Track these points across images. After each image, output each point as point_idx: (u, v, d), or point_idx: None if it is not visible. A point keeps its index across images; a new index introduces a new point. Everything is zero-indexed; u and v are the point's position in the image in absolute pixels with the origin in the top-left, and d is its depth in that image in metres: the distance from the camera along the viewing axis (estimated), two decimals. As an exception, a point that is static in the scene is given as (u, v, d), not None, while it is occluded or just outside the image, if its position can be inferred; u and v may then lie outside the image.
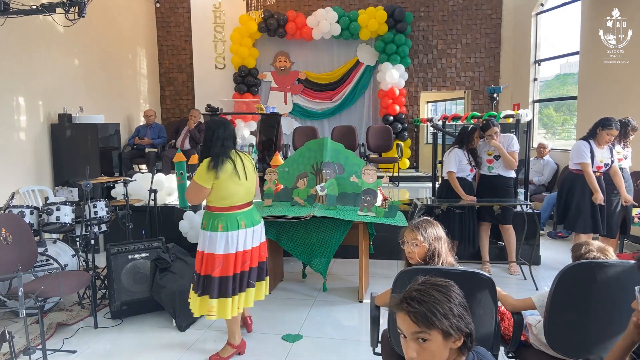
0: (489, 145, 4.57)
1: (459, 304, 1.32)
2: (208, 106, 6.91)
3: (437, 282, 1.36)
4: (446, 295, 1.32)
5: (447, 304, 1.29)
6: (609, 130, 4.18)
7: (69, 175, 6.12)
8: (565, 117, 8.33)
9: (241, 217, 2.98)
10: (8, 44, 5.42)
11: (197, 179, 2.92)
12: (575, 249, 2.26)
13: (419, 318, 1.28)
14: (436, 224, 2.30)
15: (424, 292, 1.32)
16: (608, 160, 4.34)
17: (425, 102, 10.76)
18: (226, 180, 2.90)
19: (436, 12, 8.77)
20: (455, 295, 1.33)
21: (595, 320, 2.08)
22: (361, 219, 4.00)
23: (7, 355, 2.84)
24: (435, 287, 1.34)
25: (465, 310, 1.33)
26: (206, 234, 2.98)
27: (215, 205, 2.97)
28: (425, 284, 1.35)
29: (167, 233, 4.55)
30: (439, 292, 1.32)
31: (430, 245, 2.21)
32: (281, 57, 9.09)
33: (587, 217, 4.36)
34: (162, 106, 9.47)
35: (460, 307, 1.32)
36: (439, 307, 1.28)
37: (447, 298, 1.31)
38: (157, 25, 9.28)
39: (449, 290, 1.34)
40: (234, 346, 3.16)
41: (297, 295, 4.31)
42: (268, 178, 4.48)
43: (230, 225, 2.94)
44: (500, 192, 4.61)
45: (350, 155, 4.43)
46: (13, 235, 3.36)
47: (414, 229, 2.24)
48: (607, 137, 4.20)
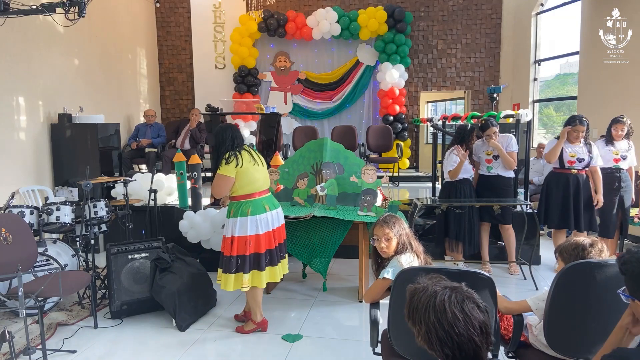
0: (488, 145, 4.57)
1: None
2: (208, 106, 6.90)
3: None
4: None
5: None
6: (573, 126, 4.37)
7: (69, 175, 6.12)
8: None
9: (265, 202, 3.36)
10: (8, 44, 5.41)
11: (221, 172, 3.26)
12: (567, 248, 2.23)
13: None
14: (399, 218, 2.52)
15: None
16: (583, 156, 4.40)
17: (425, 102, 10.76)
18: (247, 167, 3.27)
19: (436, 12, 8.77)
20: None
21: (595, 320, 2.07)
22: (361, 219, 4.00)
23: (7, 355, 2.84)
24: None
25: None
26: (236, 220, 3.29)
27: (241, 193, 3.30)
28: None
29: (167, 233, 4.54)
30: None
31: (400, 237, 2.43)
32: (281, 57, 9.09)
33: (555, 212, 4.46)
34: (162, 106, 9.47)
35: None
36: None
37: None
38: (157, 25, 9.28)
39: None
40: (255, 322, 3.50)
41: (297, 295, 4.31)
42: (269, 178, 4.49)
43: (258, 210, 3.30)
44: (499, 192, 4.61)
45: (350, 156, 4.44)
46: (13, 235, 3.36)
47: (383, 224, 2.45)
48: (574, 134, 4.38)
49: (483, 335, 1.22)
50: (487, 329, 1.24)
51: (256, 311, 3.50)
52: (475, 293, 1.29)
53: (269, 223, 3.35)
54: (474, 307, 1.24)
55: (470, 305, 1.23)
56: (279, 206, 3.52)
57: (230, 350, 3.30)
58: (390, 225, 2.43)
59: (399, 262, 2.39)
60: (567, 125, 4.43)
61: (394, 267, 2.37)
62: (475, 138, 4.67)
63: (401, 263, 2.37)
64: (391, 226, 2.43)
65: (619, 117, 4.66)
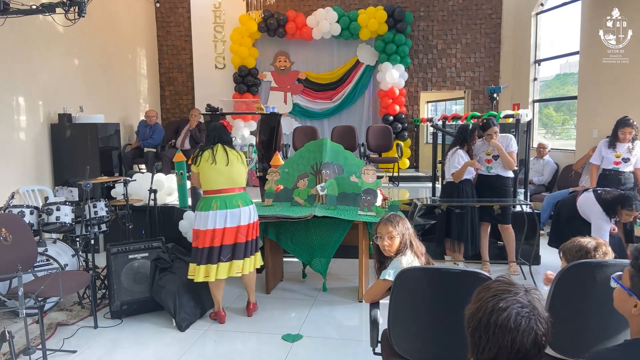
0: (488, 144, 4.57)
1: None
2: (208, 106, 6.90)
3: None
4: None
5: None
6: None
7: (69, 175, 6.12)
8: (565, 117, 8.33)
9: (215, 200, 3.52)
10: (8, 44, 5.41)
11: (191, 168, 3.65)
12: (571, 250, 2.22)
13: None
14: (403, 217, 2.55)
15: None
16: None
17: (425, 102, 10.75)
18: (203, 166, 3.53)
19: (436, 12, 8.77)
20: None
21: (595, 320, 2.07)
22: (362, 219, 4.00)
23: (7, 355, 2.84)
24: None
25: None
26: (195, 213, 3.63)
27: (203, 189, 3.62)
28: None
29: (167, 233, 4.54)
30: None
31: (403, 237, 2.47)
32: (281, 57, 9.08)
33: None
34: (162, 106, 9.47)
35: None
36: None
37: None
38: (157, 25, 9.27)
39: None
40: (214, 311, 3.77)
41: (297, 295, 4.31)
42: (270, 178, 4.49)
43: (205, 207, 3.53)
44: (499, 192, 4.60)
45: (350, 156, 4.44)
46: (13, 235, 3.36)
47: (387, 223, 2.48)
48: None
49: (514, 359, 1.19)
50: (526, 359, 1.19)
51: (214, 300, 3.74)
52: (546, 327, 1.21)
53: (216, 221, 3.49)
54: (531, 335, 1.18)
55: (529, 330, 1.18)
56: (235, 207, 3.54)
57: (230, 350, 3.30)
58: (393, 224, 2.47)
59: (400, 263, 2.39)
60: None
61: (394, 268, 2.37)
62: (477, 138, 4.66)
63: (402, 264, 2.38)
64: (395, 225, 2.47)
65: (627, 121, 4.51)
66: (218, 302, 3.71)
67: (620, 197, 3.92)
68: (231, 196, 3.56)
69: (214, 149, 3.55)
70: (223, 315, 3.72)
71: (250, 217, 3.63)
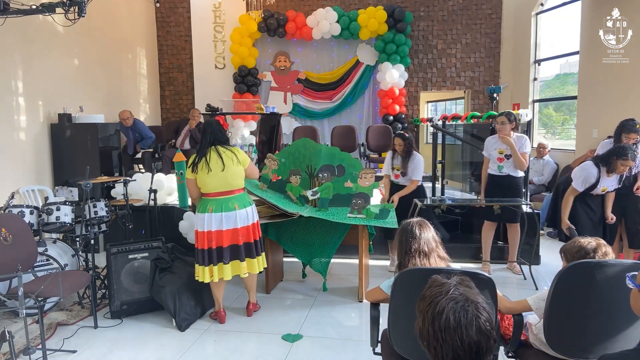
0: (501, 142, 4.46)
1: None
2: (208, 106, 6.91)
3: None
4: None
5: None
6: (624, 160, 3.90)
7: (69, 175, 6.12)
8: (565, 117, 8.33)
9: (211, 203, 3.52)
10: (8, 44, 5.41)
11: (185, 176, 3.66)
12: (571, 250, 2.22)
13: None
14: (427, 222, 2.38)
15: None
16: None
17: (425, 102, 10.76)
18: (199, 173, 3.51)
19: (436, 12, 8.77)
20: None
21: (595, 320, 2.07)
22: (350, 221, 3.98)
23: (7, 355, 2.84)
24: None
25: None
26: (197, 215, 3.63)
27: (201, 191, 3.60)
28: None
29: (167, 233, 4.54)
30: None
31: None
32: (281, 57, 9.09)
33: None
34: (162, 106, 9.47)
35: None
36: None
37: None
38: (157, 25, 9.27)
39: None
40: (215, 311, 3.78)
41: (297, 295, 4.31)
42: (268, 163, 4.44)
43: (202, 209, 3.55)
44: (509, 192, 4.53)
45: (346, 157, 4.36)
46: (13, 235, 3.36)
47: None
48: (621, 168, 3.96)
49: (471, 355, 1.17)
50: (480, 351, 1.17)
51: (215, 300, 3.76)
52: (487, 313, 1.20)
53: (210, 223, 3.49)
54: (473, 325, 1.16)
55: (470, 321, 1.16)
56: (231, 210, 3.51)
57: (230, 350, 3.30)
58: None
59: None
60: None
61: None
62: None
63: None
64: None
65: (633, 126, 4.10)
66: (218, 301, 3.72)
67: (614, 147, 3.93)
68: (227, 199, 3.54)
69: (207, 156, 3.49)
70: (223, 315, 3.72)
71: (249, 219, 3.61)
